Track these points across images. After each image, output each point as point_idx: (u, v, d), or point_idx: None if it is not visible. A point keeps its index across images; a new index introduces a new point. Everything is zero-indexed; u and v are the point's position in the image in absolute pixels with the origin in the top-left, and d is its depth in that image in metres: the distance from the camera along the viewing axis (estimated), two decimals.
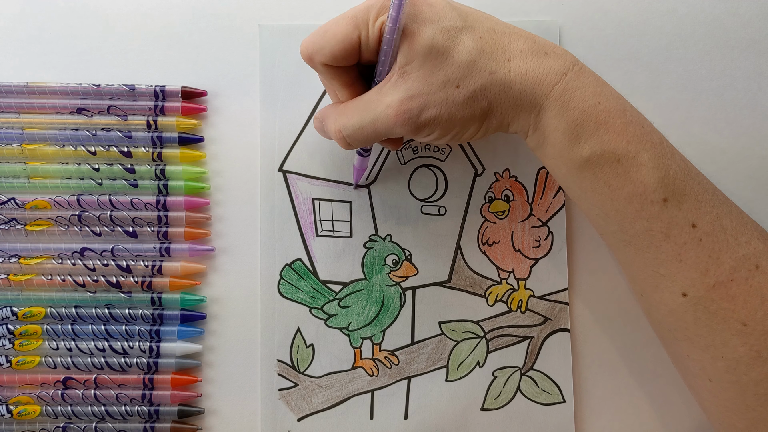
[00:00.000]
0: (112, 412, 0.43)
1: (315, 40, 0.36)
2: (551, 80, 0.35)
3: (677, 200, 0.34)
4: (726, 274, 0.34)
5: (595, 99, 0.35)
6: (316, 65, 0.36)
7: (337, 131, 0.37)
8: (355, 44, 0.35)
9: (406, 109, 0.34)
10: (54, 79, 0.45)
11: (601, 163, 0.34)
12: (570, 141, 0.35)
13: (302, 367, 0.44)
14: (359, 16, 0.35)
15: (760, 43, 0.46)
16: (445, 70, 0.34)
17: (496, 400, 0.45)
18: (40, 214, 0.44)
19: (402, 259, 0.45)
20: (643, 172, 0.34)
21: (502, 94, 0.35)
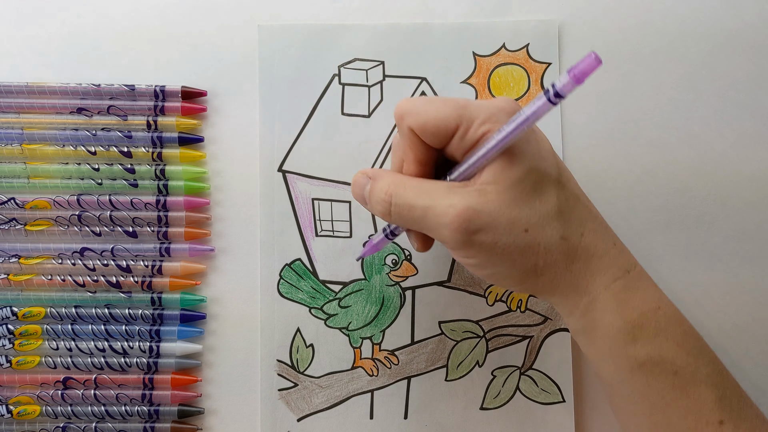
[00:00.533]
0: (112, 412, 0.43)
1: (415, 104, 0.33)
2: (614, 274, 0.33)
3: (734, 424, 0.33)
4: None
5: (656, 303, 0.34)
6: (403, 126, 0.34)
7: (388, 195, 0.34)
8: (450, 132, 0.33)
9: (467, 219, 0.32)
10: (54, 79, 0.45)
11: (657, 372, 0.33)
12: (625, 341, 0.33)
13: (302, 367, 0.44)
14: (468, 110, 0.33)
15: (761, 43, 0.46)
16: (522, 209, 0.32)
17: (495, 400, 0.45)
18: (40, 214, 0.44)
19: (402, 259, 0.45)
20: (701, 389, 0.33)
21: (562, 263, 0.33)
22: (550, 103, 0.28)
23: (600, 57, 0.26)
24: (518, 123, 0.30)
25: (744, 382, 0.44)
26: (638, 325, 0.33)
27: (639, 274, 0.34)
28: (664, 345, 0.33)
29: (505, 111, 0.33)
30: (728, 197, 0.45)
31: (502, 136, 0.31)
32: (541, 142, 0.34)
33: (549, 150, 0.34)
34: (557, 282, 0.34)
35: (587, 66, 0.26)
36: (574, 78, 0.27)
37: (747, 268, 0.45)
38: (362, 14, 0.46)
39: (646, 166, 0.45)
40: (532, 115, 0.30)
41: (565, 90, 0.27)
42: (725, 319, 0.45)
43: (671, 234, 0.45)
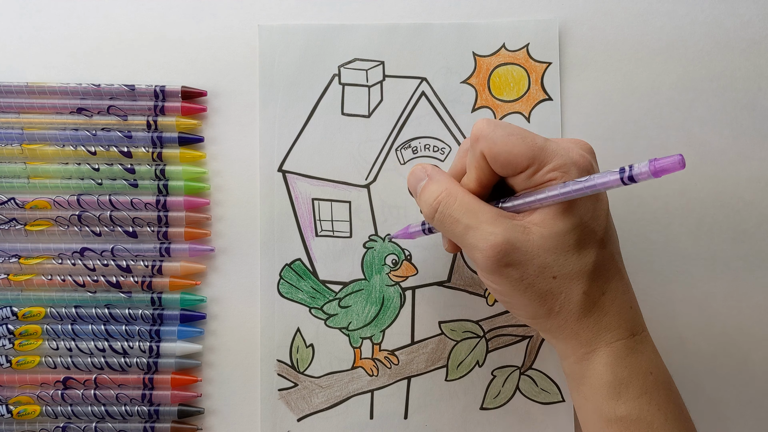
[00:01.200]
0: (112, 412, 0.43)
1: (495, 132, 0.34)
2: (619, 334, 0.35)
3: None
4: None
5: (649, 368, 0.35)
6: (476, 149, 0.35)
7: (437, 201, 0.36)
8: (519, 169, 0.34)
9: (503, 251, 0.33)
10: (54, 79, 0.45)
11: (633, 428, 0.34)
12: (609, 393, 0.34)
13: (302, 367, 0.44)
14: (543, 153, 0.33)
15: (760, 43, 0.46)
16: (558, 258, 0.34)
17: (495, 400, 0.45)
18: (40, 214, 0.44)
19: (402, 259, 0.45)
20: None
21: (575, 315, 0.35)
22: (622, 182, 0.29)
23: (685, 161, 0.27)
24: (583, 187, 0.32)
25: (745, 385, 0.45)
26: (626, 383, 0.34)
27: (643, 339, 0.35)
28: (646, 406, 0.34)
29: (577, 166, 0.33)
30: (728, 197, 0.45)
31: (564, 191, 0.32)
32: (600, 201, 0.34)
33: (604, 210, 0.35)
34: (564, 329, 0.35)
35: (670, 165, 0.27)
36: (653, 171, 0.27)
37: (747, 269, 0.45)
38: (362, 14, 0.46)
39: None
40: (600, 185, 0.31)
41: (640, 178, 0.28)
42: (726, 321, 0.45)
43: (671, 235, 0.45)
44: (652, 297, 0.45)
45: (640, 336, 0.35)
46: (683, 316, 0.45)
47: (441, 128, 0.45)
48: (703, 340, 0.45)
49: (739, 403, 0.45)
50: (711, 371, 0.45)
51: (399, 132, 0.45)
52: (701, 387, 0.45)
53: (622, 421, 0.34)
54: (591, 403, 0.35)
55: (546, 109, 0.45)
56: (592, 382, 0.35)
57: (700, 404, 0.44)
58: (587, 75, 0.46)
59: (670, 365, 0.37)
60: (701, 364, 0.45)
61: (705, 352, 0.45)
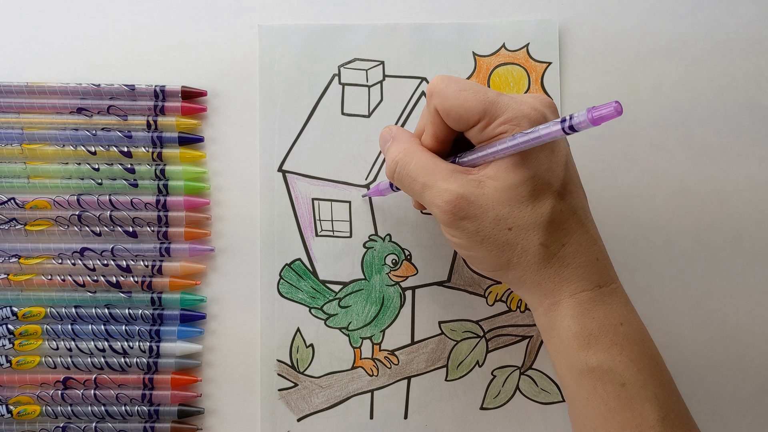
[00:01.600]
0: (112, 412, 0.43)
1: (447, 87, 0.35)
2: (582, 285, 0.35)
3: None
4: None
5: (619, 320, 0.35)
6: (430, 104, 0.36)
7: (394, 162, 0.37)
8: (471, 123, 0.34)
9: (457, 206, 0.34)
10: (54, 79, 0.45)
11: (605, 379, 0.34)
12: (579, 345, 0.34)
13: (302, 367, 0.44)
14: (494, 106, 0.34)
15: (760, 43, 0.46)
16: (512, 210, 0.34)
17: (495, 399, 0.45)
18: (40, 214, 0.44)
19: (402, 259, 0.45)
20: (645, 406, 0.34)
21: (534, 265, 0.35)
22: (564, 132, 0.30)
23: (622, 108, 0.27)
24: (529, 139, 0.32)
25: (744, 383, 0.45)
26: (594, 334, 0.34)
27: (611, 291, 0.35)
28: (617, 358, 0.34)
29: (527, 118, 0.34)
30: (728, 197, 0.45)
31: (512, 144, 0.33)
32: (556, 152, 0.35)
33: (561, 161, 0.35)
34: (526, 280, 0.36)
35: (607, 113, 0.27)
36: (591, 119, 0.28)
37: (747, 268, 0.45)
38: (362, 14, 0.46)
39: (646, 166, 0.45)
40: (544, 137, 0.31)
41: (580, 126, 0.29)
42: (726, 319, 0.45)
43: (671, 234, 0.45)
44: (651, 296, 0.45)
45: (608, 288, 0.35)
46: (682, 315, 0.45)
47: None
48: (702, 339, 0.45)
49: (738, 401, 0.45)
50: (710, 369, 0.45)
51: None
52: (700, 384, 0.45)
53: (594, 372, 0.34)
54: (563, 356, 0.35)
55: None
56: (561, 334, 0.35)
57: (699, 401, 0.44)
58: (587, 75, 0.46)
59: (669, 363, 0.37)
60: (700, 362, 0.45)
61: (704, 350, 0.45)
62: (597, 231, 0.36)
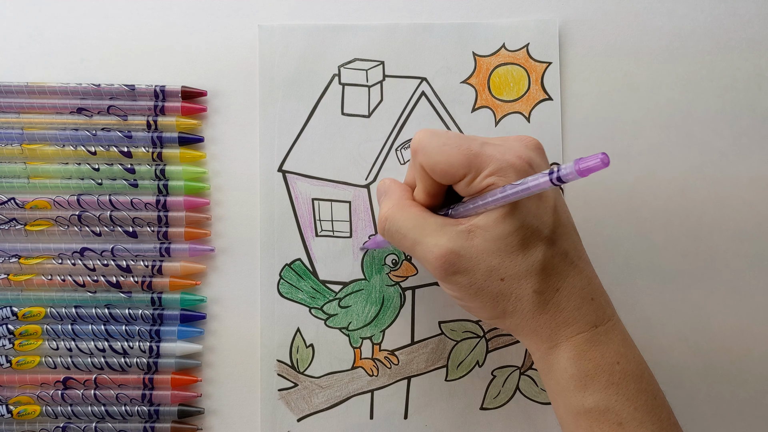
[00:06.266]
0: (112, 412, 0.43)
1: (430, 143, 0.35)
2: (579, 328, 0.35)
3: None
4: None
5: (615, 359, 0.35)
6: (416, 161, 0.36)
7: (384, 219, 0.37)
8: (458, 178, 0.34)
9: (448, 261, 0.34)
10: (54, 79, 0.45)
11: (602, 420, 0.34)
12: (576, 387, 0.34)
13: (302, 367, 0.44)
14: (478, 159, 0.34)
15: (760, 43, 0.46)
16: (503, 260, 0.34)
17: (495, 400, 0.45)
18: (40, 214, 0.44)
19: (401, 259, 0.45)
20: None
21: (529, 313, 0.35)
22: (552, 183, 0.30)
23: (609, 159, 0.27)
24: (518, 190, 0.32)
25: (744, 384, 0.45)
26: (591, 375, 0.34)
27: (608, 330, 0.35)
28: (614, 397, 0.34)
29: (513, 167, 0.34)
30: (728, 197, 0.45)
31: (502, 196, 0.33)
32: (544, 199, 0.35)
33: (549, 207, 0.35)
34: (523, 327, 0.36)
35: (594, 165, 0.27)
36: (579, 171, 0.28)
37: (747, 268, 0.45)
38: (362, 14, 0.46)
39: (646, 166, 0.45)
40: (533, 188, 0.31)
41: (568, 178, 0.29)
42: (726, 320, 0.45)
43: (671, 234, 0.45)
44: (651, 296, 0.45)
45: (605, 327, 0.35)
46: (682, 315, 0.45)
47: (441, 128, 0.45)
48: (702, 339, 0.45)
49: (738, 402, 0.45)
50: (710, 370, 0.45)
51: (399, 132, 0.45)
52: (700, 385, 0.45)
53: (591, 413, 0.34)
54: (560, 397, 0.36)
55: (546, 109, 0.45)
56: (559, 376, 0.35)
57: (699, 402, 0.44)
58: (587, 75, 0.46)
59: (670, 364, 0.37)
60: (700, 363, 0.45)
61: (704, 351, 0.45)
62: (592, 269, 0.36)
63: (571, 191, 0.45)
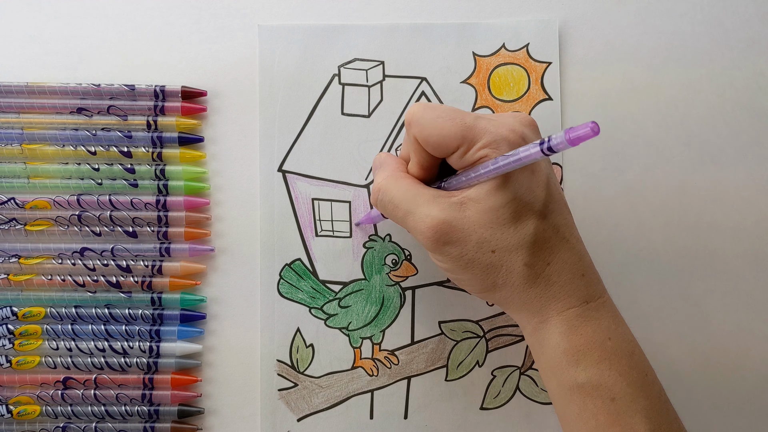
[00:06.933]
0: (112, 412, 0.43)
1: (424, 116, 0.35)
2: (570, 303, 0.35)
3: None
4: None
5: (607, 335, 0.35)
6: (410, 134, 0.36)
7: (377, 190, 0.38)
8: (451, 150, 0.35)
9: (439, 231, 0.34)
10: (54, 79, 0.45)
11: (594, 395, 0.34)
12: (568, 362, 0.35)
13: (302, 367, 0.44)
14: (472, 132, 0.34)
15: (760, 42, 0.46)
16: (495, 232, 0.34)
17: (495, 399, 0.45)
18: (40, 214, 0.44)
19: (401, 259, 0.45)
20: (635, 419, 0.34)
21: (520, 285, 0.35)
22: (543, 153, 0.30)
23: (599, 128, 0.27)
24: (510, 162, 0.32)
25: (743, 382, 0.45)
26: (583, 351, 0.34)
27: (599, 306, 0.35)
28: (606, 372, 0.34)
29: (506, 140, 0.34)
30: (727, 196, 0.45)
31: (493, 167, 0.33)
32: (537, 173, 0.35)
33: (541, 182, 0.35)
34: (513, 300, 0.36)
35: (584, 134, 0.27)
36: (569, 140, 0.28)
37: (747, 267, 0.45)
38: (362, 14, 0.46)
39: (645, 166, 0.45)
40: (524, 159, 0.31)
41: (559, 148, 0.29)
42: (725, 319, 0.45)
43: (671, 233, 0.45)
44: (651, 295, 0.45)
45: (596, 303, 0.35)
46: (682, 314, 0.45)
47: None
48: (701, 338, 0.45)
49: (737, 400, 0.45)
50: (709, 368, 0.45)
51: (399, 132, 0.45)
52: (699, 384, 0.45)
53: (583, 388, 0.34)
54: (552, 373, 0.36)
55: (546, 109, 0.45)
56: (550, 352, 0.35)
57: (698, 399, 0.44)
58: (587, 75, 0.46)
59: (668, 363, 0.37)
60: (699, 362, 0.45)
61: (703, 350, 0.45)
62: (583, 246, 0.36)
63: (571, 191, 0.45)
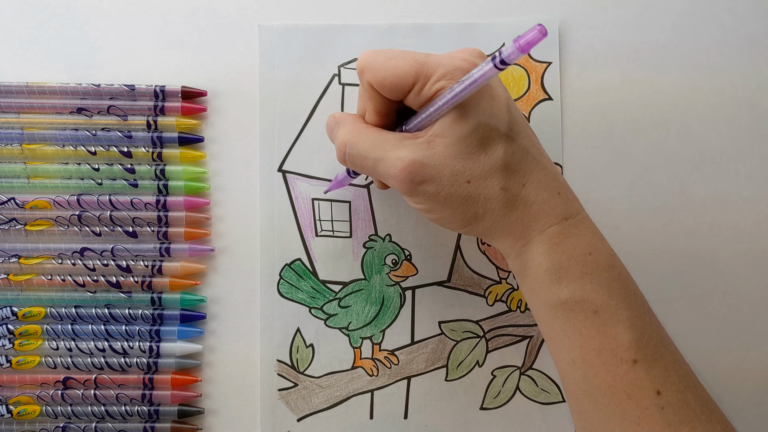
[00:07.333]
0: (112, 412, 0.43)
1: (375, 59, 0.35)
2: (550, 221, 0.35)
3: (647, 364, 0.34)
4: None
5: (587, 249, 0.35)
6: (363, 81, 0.36)
7: (343, 144, 0.37)
8: (407, 88, 0.35)
9: (412, 171, 0.34)
10: (54, 79, 0.45)
11: (578, 309, 0.34)
12: (551, 280, 0.35)
13: (302, 367, 0.44)
14: (425, 67, 0.34)
15: (759, 41, 0.46)
16: (466, 162, 0.34)
17: (495, 400, 0.45)
18: (40, 214, 0.44)
19: (401, 259, 0.45)
20: (618, 329, 0.34)
21: (500, 211, 0.35)
22: (496, 68, 0.30)
23: (546, 30, 0.27)
24: (466, 85, 0.32)
25: (745, 383, 0.45)
26: (564, 267, 0.35)
27: (578, 222, 0.36)
28: (588, 287, 0.34)
29: (460, 69, 0.34)
30: (727, 196, 0.45)
31: (451, 96, 0.33)
32: (496, 98, 0.35)
33: (502, 105, 0.35)
34: (496, 227, 0.36)
35: (533, 38, 0.28)
36: (519, 48, 0.28)
37: (747, 268, 0.45)
38: (362, 14, 0.46)
39: (645, 165, 0.45)
40: (480, 78, 0.31)
41: (511, 58, 0.29)
42: (726, 319, 0.45)
43: (671, 233, 0.45)
44: (651, 296, 0.45)
45: (575, 219, 0.35)
46: (682, 315, 0.45)
47: None
48: (702, 339, 0.45)
49: (738, 401, 0.44)
50: (710, 369, 0.45)
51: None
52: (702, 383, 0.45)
53: (567, 304, 0.35)
54: (536, 293, 0.36)
55: (546, 109, 0.45)
56: (534, 273, 0.35)
57: None
58: (587, 74, 0.46)
59: None
60: (700, 362, 0.45)
61: (704, 350, 0.45)
62: (554, 166, 0.37)
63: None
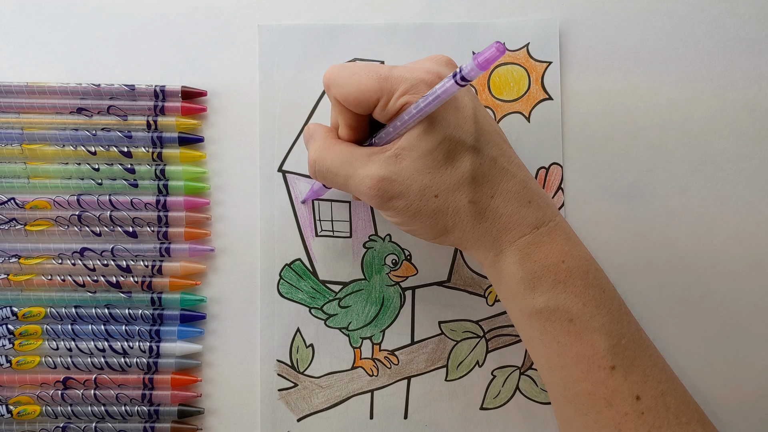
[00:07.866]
0: (112, 412, 0.43)
1: (340, 75, 0.35)
2: (520, 231, 0.35)
3: (625, 370, 0.34)
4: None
5: (560, 257, 0.35)
6: (330, 96, 0.36)
7: (313, 161, 0.38)
8: (372, 104, 0.35)
9: (381, 188, 0.35)
10: (54, 79, 0.45)
11: (553, 318, 0.35)
12: (525, 289, 0.35)
13: (302, 367, 0.44)
14: (389, 82, 0.34)
15: (760, 43, 0.46)
16: (433, 176, 0.34)
17: (495, 399, 0.45)
18: (40, 214, 0.44)
19: (401, 259, 0.45)
20: (594, 337, 0.34)
21: (469, 223, 0.35)
22: (457, 84, 0.30)
23: (504, 47, 0.28)
24: (430, 101, 0.32)
25: (744, 383, 0.45)
26: (538, 277, 0.35)
27: (551, 230, 0.36)
28: (562, 295, 0.35)
29: (424, 82, 0.34)
30: (727, 197, 0.45)
31: (416, 111, 0.33)
32: (461, 109, 0.35)
33: (468, 117, 0.35)
34: (466, 239, 0.36)
35: (491, 55, 0.28)
36: (478, 65, 0.28)
37: (747, 268, 0.45)
38: (362, 14, 0.46)
39: (646, 166, 0.45)
40: (442, 94, 0.31)
41: (471, 75, 0.29)
42: (726, 320, 0.45)
43: (671, 234, 0.45)
44: (651, 296, 0.45)
45: (547, 227, 0.35)
46: (682, 315, 0.45)
47: None
48: (701, 339, 0.45)
49: (737, 402, 0.44)
50: (709, 370, 0.45)
51: None
52: (699, 386, 0.45)
53: (542, 313, 0.35)
54: (512, 302, 0.36)
55: (546, 109, 0.45)
56: (508, 281, 0.36)
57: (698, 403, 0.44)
58: (587, 75, 0.46)
59: (669, 363, 0.37)
60: (699, 363, 0.45)
61: (703, 351, 0.45)
62: (526, 172, 0.36)
63: (571, 191, 0.45)
